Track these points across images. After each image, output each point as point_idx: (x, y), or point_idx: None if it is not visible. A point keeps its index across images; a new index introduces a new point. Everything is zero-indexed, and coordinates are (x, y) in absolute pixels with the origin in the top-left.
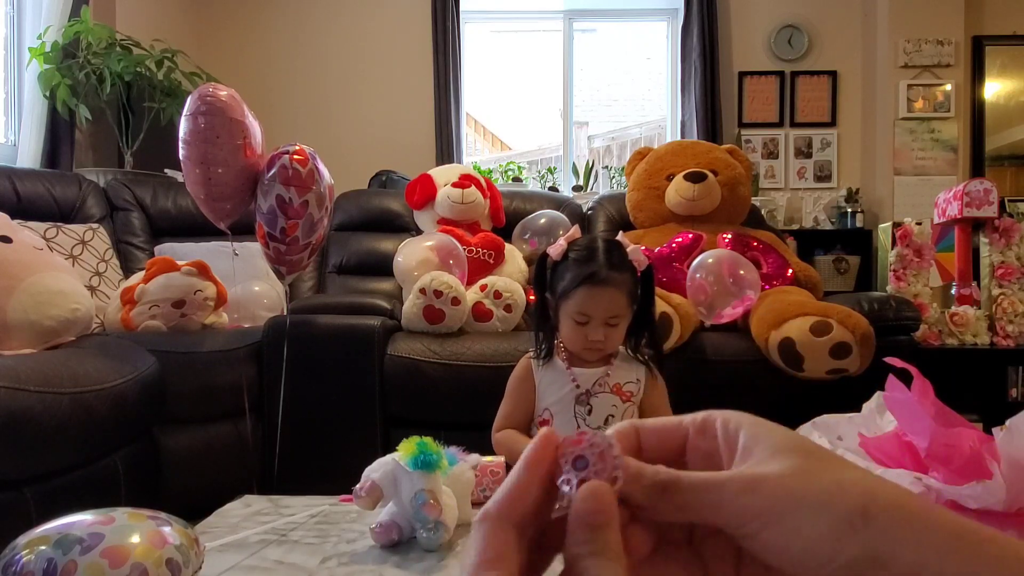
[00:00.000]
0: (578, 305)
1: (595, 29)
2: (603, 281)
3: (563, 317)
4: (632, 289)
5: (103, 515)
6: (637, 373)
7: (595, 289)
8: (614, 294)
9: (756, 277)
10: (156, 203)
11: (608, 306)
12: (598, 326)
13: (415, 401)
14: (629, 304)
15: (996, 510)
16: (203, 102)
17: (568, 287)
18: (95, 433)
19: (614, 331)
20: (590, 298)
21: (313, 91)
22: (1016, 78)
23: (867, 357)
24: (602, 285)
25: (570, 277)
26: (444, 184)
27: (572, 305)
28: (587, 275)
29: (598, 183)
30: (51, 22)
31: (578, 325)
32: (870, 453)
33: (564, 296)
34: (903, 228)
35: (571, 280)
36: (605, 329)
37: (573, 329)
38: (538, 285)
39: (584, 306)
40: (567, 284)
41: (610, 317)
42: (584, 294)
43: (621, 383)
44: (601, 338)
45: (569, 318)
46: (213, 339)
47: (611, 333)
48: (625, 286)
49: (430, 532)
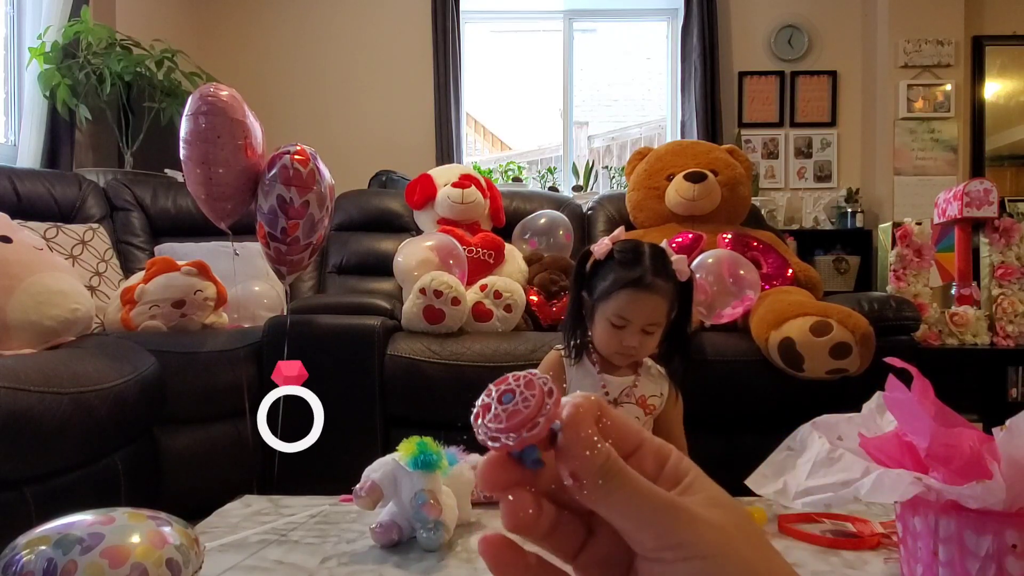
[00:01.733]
0: (618, 308)
1: (595, 29)
2: (648, 287)
3: (599, 318)
4: (673, 299)
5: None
6: (661, 387)
7: (638, 294)
8: (657, 301)
9: (756, 277)
10: (156, 203)
11: (649, 313)
12: (635, 332)
13: (415, 401)
14: (668, 313)
15: (996, 510)
16: (204, 102)
17: (610, 288)
18: (95, 433)
19: (649, 339)
20: (632, 303)
21: (313, 91)
22: (1016, 78)
23: (867, 357)
24: (646, 291)
25: (613, 279)
26: (444, 184)
27: (612, 307)
28: (633, 279)
29: (598, 183)
30: (51, 22)
31: (614, 328)
32: (870, 453)
33: (604, 297)
34: (903, 228)
35: (614, 282)
36: (641, 336)
37: (608, 331)
38: (576, 283)
39: (625, 310)
40: (609, 285)
41: (648, 324)
42: (626, 298)
43: (647, 396)
44: (636, 344)
45: (605, 320)
46: (213, 339)
47: (646, 340)
48: (667, 295)
49: (430, 532)
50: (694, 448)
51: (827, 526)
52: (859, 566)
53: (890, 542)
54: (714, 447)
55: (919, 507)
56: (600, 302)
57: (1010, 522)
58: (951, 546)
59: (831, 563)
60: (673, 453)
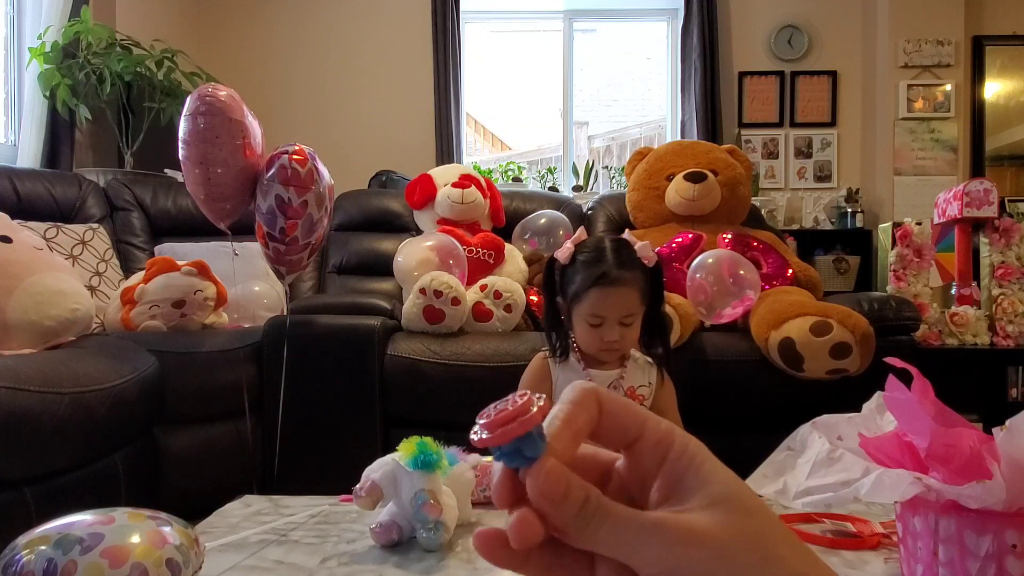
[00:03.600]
0: (591, 307)
1: (595, 29)
2: (614, 281)
3: (576, 320)
4: (643, 286)
5: (103, 515)
6: (649, 376)
7: (607, 290)
8: (627, 293)
9: (756, 277)
10: (156, 203)
11: (621, 306)
12: (613, 326)
13: (415, 401)
14: (641, 302)
15: (996, 510)
16: (203, 102)
17: (579, 290)
18: (95, 433)
19: (629, 330)
20: (603, 299)
21: (313, 91)
22: (1016, 78)
23: (867, 357)
24: (614, 285)
25: (580, 279)
26: (444, 184)
27: (585, 308)
28: (597, 276)
29: (598, 183)
30: (51, 22)
31: (592, 327)
32: (870, 453)
33: (576, 299)
34: (903, 228)
35: (582, 283)
36: (620, 329)
37: (588, 331)
38: (547, 289)
39: (597, 308)
40: (578, 287)
41: (624, 316)
42: (596, 296)
43: (635, 386)
44: (616, 338)
45: (583, 321)
46: (213, 339)
47: (626, 332)
48: (636, 284)
49: (430, 532)
50: None
51: (827, 526)
52: (859, 566)
53: (890, 542)
54: (714, 447)
55: (919, 507)
56: (574, 304)
57: (1010, 522)
58: (951, 546)
59: (831, 563)
60: (675, 442)
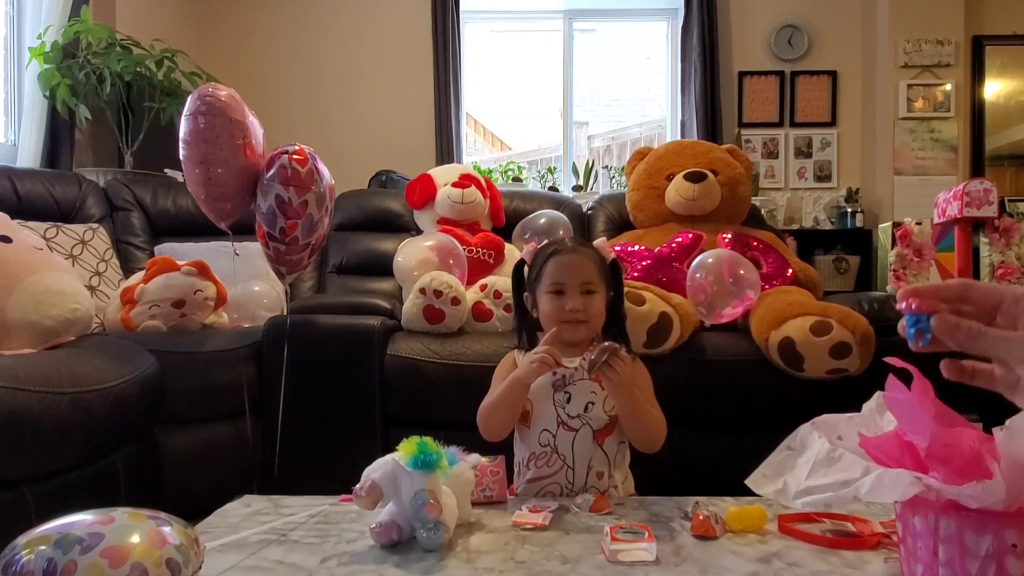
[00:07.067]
0: (551, 275)
1: (595, 29)
2: (572, 250)
3: (541, 300)
4: (601, 266)
5: (103, 515)
6: None
7: (564, 256)
8: (583, 262)
9: (756, 277)
10: (156, 203)
11: (579, 271)
12: (574, 294)
13: (415, 401)
14: (600, 277)
15: (996, 510)
16: (203, 102)
17: (540, 265)
18: (95, 433)
19: (591, 300)
20: (561, 266)
21: (313, 91)
22: (1016, 78)
23: (867, 357)
24: (571, 253)
25: (540, 259)
26: (444, 184)
27: (546, 280)
28: (553, 249)
29: (598, 183)
30: (51, 22)
31: (555, 297)
32: (870, 453)
33: (537, 279)
34: (903, 228)
35: (540, 259)
36: (582, 298)
37: (550, 302)
38: (515, 290)
39: (556, 275)
40: (539, 267)
41: (583, 283)
42: (554, 264)
43: None
44: (580, 307)
45: (545, 295)
46: (213, 339)
47: (588, 303)
48: (592, 259)
49: (430, 532)
50: (695, 448)
51: (827, 526)
52: (859, 566)
53: (890, 542)
54: (714, 447)
55: (919, 507)
56: (536, 285)
57: (1010, 522)
58: (951, 546)
59: (831, 563)
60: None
